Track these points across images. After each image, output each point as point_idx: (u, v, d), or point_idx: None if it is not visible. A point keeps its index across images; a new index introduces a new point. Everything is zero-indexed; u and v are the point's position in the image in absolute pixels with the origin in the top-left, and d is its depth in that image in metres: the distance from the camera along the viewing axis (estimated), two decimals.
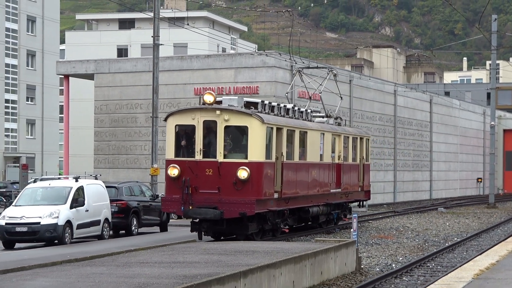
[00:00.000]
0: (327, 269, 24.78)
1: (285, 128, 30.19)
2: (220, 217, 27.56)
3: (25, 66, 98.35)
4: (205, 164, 27.79)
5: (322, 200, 35.38)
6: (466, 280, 17.96)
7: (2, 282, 16.63)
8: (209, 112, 28.01)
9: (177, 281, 16.79)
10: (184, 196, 27.49)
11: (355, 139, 40.50)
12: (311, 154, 33.26)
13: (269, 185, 28.74)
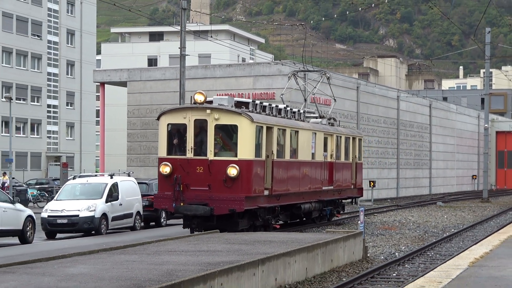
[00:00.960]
0: (336, 257, 24.75)
1: (275, 127, 28.92)
2: (210, 214, 26.16)
3: (65, 75, 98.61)
4: (196, 162, 26.47)
5: (314, 197, 33.84)
6: (463, 267, 17.90)
7: (46, 268, 16.66)
8: (200, 111, 26.73)
9: (202, 268, 16.78)
10: (175, 193, 26.26)
11: (347, 138, 38.98)
12: (302, 152, 31.89)
13: (258, 183, 27.29)
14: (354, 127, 68.40)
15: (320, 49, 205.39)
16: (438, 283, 15.38)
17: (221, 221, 26.60)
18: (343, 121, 66.79)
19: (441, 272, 17.54)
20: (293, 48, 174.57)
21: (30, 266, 17.24)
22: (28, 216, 31.46)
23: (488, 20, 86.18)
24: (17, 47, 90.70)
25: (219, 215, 26.24)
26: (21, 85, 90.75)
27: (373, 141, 72.77)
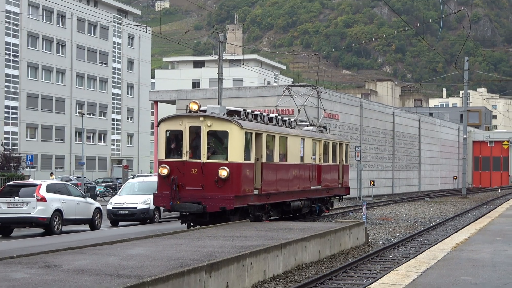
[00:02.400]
0: (344, 242, 24.70)
1: (264, 133, 26.78)
2: (202, 211, 24.33)
3: (126, 95, 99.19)
4: (191, 164, 24.61)
5: (304, 195, 31.64)
6: (446, 251, 17.80)
7: (111, 250, 16.73)
8: (194, 119, 24.83)
9: (236, 250, 16.79)
10: (172, 192, 24.41)
11: (335, 144, 36.79)
12: (291, 156, 29.75)
13: (248, 183, 25.26)
14: (357, 138, 68.46)
15: (330, 74, 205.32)
16: (426, 264, 15.30)
17: (214, 218, 24.86)
18: (348, 132, 66.92)
19: (429, 254, 17.45)
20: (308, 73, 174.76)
21: (98, 248, 17.31)
22: (97, 208, 31.72)
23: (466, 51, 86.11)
24: (88, 73, 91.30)
25: (211, 212, 24.58)
26: (91, 103, 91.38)
27: (373, 148, 72.73)
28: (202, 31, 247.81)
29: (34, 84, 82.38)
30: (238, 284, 15.96)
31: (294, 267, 19.66)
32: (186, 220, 25.87)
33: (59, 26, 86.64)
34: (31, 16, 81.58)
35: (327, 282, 18.15)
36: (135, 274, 12.87)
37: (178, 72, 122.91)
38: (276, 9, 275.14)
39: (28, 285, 11.65)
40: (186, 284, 13.61)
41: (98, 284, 11.79)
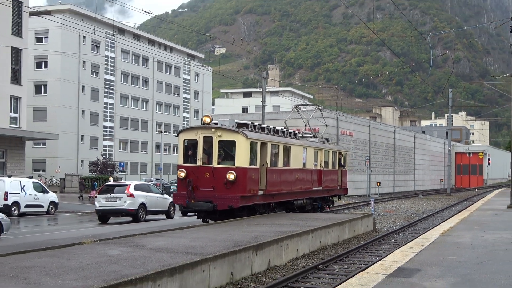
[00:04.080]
0: (357, 229, 24.52)
1: (269, 143, 24.62)
2: (213, 209, 22.52)
3: (193, 118, 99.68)
4: (204, 169, 22.81)
5: (306, 195, 29.50)
6: (436, 236, 17.59)
7: (182, 233, 16.78)
8: (207, 130, 22.95)
9: (275, 234, 16.75)
10: (188, 192, 22.59)
11: (334, 153, 34.05)
12: (294, 162, 27.50)
13: (253, 185, 23.23)
14: (367, 150, 68.05)
15: (346, 102, 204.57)
16: (421, 246, 15.12)
17: (224, 214, 22.92)
18: (360, 145, 66.66)
19: (423, 239, 17.25)
20: (329, 101, 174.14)
21: (172, 232, 17.36)
22: (171, 202, 31.66)
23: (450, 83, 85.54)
24: (165, 101, 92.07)
25: (220, 210, 22.65)
26: (167, 123, 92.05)
27: (378, 158, 72.24)
28: (250, 69, 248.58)
29: (125, 110, 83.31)
30: (277, 260, 15.92)
31: (319, 247, 19.57)
32: (200, 216, 23.92)
33: (144, 66, 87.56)
34: (123, 59, 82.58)
35: (345, 259, 18.04)
36: (200, 252, 12.90)
37: (231, 100, 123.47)
38: (305, 53, 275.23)
39: (121, 260, 11.74)
40: (238, 260, 13.61)
41: (172, 259, 11.83)
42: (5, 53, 43.51)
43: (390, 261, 12.52)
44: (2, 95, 43.42)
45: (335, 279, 14.57)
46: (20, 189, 33.98)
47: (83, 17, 76.38)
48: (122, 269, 10.56)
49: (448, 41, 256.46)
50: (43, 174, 69.90)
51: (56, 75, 70.93)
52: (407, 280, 10.30)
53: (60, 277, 9.72)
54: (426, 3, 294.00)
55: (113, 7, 41.33)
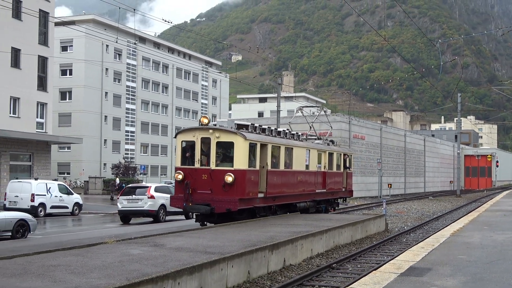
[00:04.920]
0: (369, 229, 24.39)
1: (270, 144, 22.96)
2: (210, 212, 21.05)
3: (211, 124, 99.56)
4: (202, 171, 21.28)
5: (309, 197, 27.71)
6: (446, 236, 17.43)
7: (201, 234, 16.79)
8: (205, 131, 21.54)
9: (290, 234, 16.70)
10: (185, 195, 21.18)
11: (339, 154, 32.06)
12: (297, 164, 25.77)
13: (252, 187, 21.62)
14: (378, 153, 67.75)
15: (358, 106, 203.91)
16: (432, 245, 14.99)
17: (222, 217, 21.61)
18: (372, 148, 66.38)
19: (433, 238, 17.10)
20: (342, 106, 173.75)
21: (191, 232, 17.37)
22: None
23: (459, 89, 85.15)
24: (184, 107, 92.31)
25: (219, 213, 21.23)
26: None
27: (390, 160, 71.90)
28: (265, 76, 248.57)
29: (146, 115, 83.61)
30: (292, 259, 15.88)
31: (333, 247, 19.49)
32: (198, 219, 22.61)
33: (164, 73, 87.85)
34: (144, 67, 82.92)
35: (358, 258, 17.95)
36: (218, 251, 12.89)
37: (248, 106, 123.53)
38: (318, 60, 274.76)
39: (142, 259, 11.75)
40: (255, 259, 13.58)
41: (192, 258, 11.83)
42: (32, 62, 43.89)
43: (402, 261, 12.42)
44: (29, 101, 43.78)
45: (348, 278, 14.50)
46: (46, 191, 34.20)
47: (106, 27, 76.82)
48: (144, 267, 10.57)
49: (456, 48, 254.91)
50: (68, 177, 70.33)
51: (80, 82, 71.38)
52: (419, 279, 10.21)
53: (84, 275, 9.75)
54: (435, 11, 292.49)
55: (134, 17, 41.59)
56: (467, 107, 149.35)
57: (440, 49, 66.51)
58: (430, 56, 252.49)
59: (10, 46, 41.65)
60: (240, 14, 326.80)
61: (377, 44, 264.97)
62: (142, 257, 11.88)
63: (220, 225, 19.39)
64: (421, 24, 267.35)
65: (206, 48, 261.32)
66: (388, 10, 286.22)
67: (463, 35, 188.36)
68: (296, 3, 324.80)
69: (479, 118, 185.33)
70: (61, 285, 8.90)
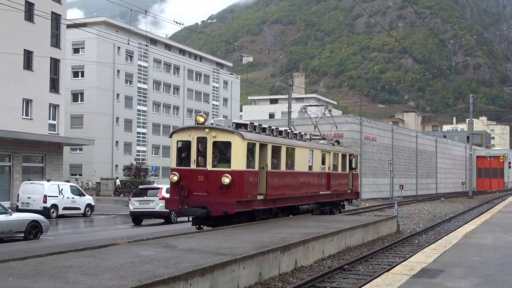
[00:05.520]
0: (381, 230, 24.30)
1: (270, 144, 21.86)
2: (206, 215, 20.05)
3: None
4: (198, 172, 20.28)
5: (312, 199, 26.55)
6: (459, 237, 17.34)
7: (212, 235, 16.77)
8: (201, 130, 20.52)
9: (302, 236, 16.67)
10: (181, 197, 20.21)
11: (344, 155, 30.84)
12: (299, 165, 24.60)
13: (251, 189, 20.50)
14: (390, 154, 67.51)
15: (369, 107, 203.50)
16: (444, 247, 14.92)
17: (219, 221, 20.68)
18: (383, 149, 66.20)
19: (445, 240, 17.01)
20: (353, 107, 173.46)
21: (203, 233, 17.39)
22: None
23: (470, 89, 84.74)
24: (195, 108, 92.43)
25: (216, 216, 20.23)
26: None
27: (401, 162, 71.66)
28: (276, 77, 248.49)
29: (157, 116, 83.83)
30: (304, 261, 15.85)
31: (345, 248, 19.44)
32: (194, 222, 21.57)
33: (175, 75, 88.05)
34: (156, 68, 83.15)
35: (370, 260, 17.89)
36: (230, 253, 12.88)
37: (259, 107, 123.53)
38: (329, 61, 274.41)
39: (154, 260, 11.77)
40: (266, 261, 13.57)
41: (203, 259, 11.83)
42: (45, 64, 44.15)
43: (414, 262, 12.36)
44: (42, 103, 44.03)
45: (360, 279, 14.45)
46: (58, 193, 34.37)
47: (118, 29, 77.10)
48: (155, 269, 10.59)
49: (468, 48, 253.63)
50: (79, 178, 70.63)
51: (92, 83, 71.68)
52: (431, 281, 10.16)
53: (96, 276, 9.78)
54: (446, 12, 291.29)
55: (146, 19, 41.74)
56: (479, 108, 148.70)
57: (452, 49, 66.13)
58: (441, 57, 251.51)
59: (23, 48, 41.92)
60: (251, 16, 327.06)
61: (389, 45, 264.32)
62: (154, 258, 11.90)
63: (232, 227, 19.37)
64: (432, 24, 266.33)
65: (217, 50, 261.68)
66: (399, 11, 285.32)
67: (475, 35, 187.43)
68: (307, 4, 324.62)
69: (491, 119, 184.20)
70: (74, 286, 8.93)
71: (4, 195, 39.24)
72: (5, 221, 21.13)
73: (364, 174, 60.62)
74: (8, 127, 39.16)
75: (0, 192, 39.43)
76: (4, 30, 40.16)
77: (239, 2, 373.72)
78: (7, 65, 40.43)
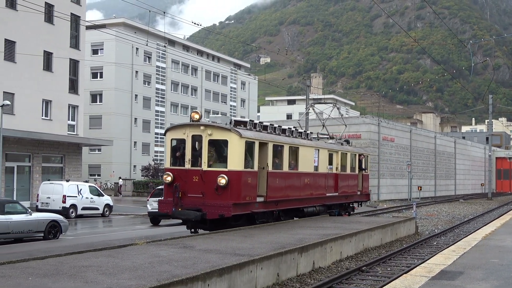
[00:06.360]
0: (399, 232, 24.17)
1: (270, 143, 20.57)
2: (200, 218, 18.71)
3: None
4: (192, 172, 19.03)
5: (319, 202, 25.21)
6: (478, 239, 17.21)
7: (230, 236, 16.78)
8: (196, 128, 19.19)
9: (320, 237, 16.64)
10: (175, 199, 18.96)
11: (353, 155, 29.34)
12: (303, 165, 23.17)
13: (249, 191, 19.24)
14: (408, 155, 67.11)
15: (387, 108, 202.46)
16: (463, 249, 14.81)
17: (215, 224, 19.52)
18: (401, 150, 65.83)
19: (465, 242, 16.88)
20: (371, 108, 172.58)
21: (221, 234, 17.39)
22: None
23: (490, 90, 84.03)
24: (213, 109, 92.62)
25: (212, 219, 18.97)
26: None
27: (420, 163, 71.22)
28: (294, 78, 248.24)
29: (175, 117, 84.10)
30: (321, 262, 15.81)
31: (362, 250, 19.36)
32: (189, 226, 20.34)
33: (193, 76, 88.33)
34: (174, 69, 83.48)
35: (388, 262, 17.79)
36: (248, 253, 12.88)
37: (276, 108, 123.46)
38: (347, 62, 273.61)
39: (172, 260, 11.81)
40: (284, 261, 13.55)
41: (221, 260, 11.85)
42: (64, 65, 44.51)
43: (433, 264, 12.28)
44: (61, 104, 44.39)
45: (378, 281, 14.37)
46: (77, 193, 34.62)
47: (136, 30, 77.53)
48: (174, 269, 10.62)
49: (488, 49, 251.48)
50: (98, 178, 71.10)
51: (110, 84, 72.14)
52: (451, 283, 10.08)
53: (115, 276, 9.83)
54: (465, 12, 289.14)
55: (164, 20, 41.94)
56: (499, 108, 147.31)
57: (471, 50, 65.62)
58: (460, 58, 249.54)
59: (43, 49, 42.29)
60: (269, 17, 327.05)
61: (407, 46, 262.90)
62: (172, 259, 11.94)
63: (249, 227, 19.35)
64: (451, 25, 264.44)
65: (235, 51, 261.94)
66: (418, 11, 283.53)
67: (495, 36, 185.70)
68: (324, 5, 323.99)
69: (510, 120, 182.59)
70: (93, 286, 8.98)
71: (24, 195, 39.61)
72: (25, 221, 21.33)
73: (382, 175, 60.32)
74: (28, 127, 39.53)
75: (20, 192, 39.80)
76: (25, 31, 40.55)
77: (257, 3, 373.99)
78: (27, 66, 40.82)
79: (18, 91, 40.18)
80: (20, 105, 40.40)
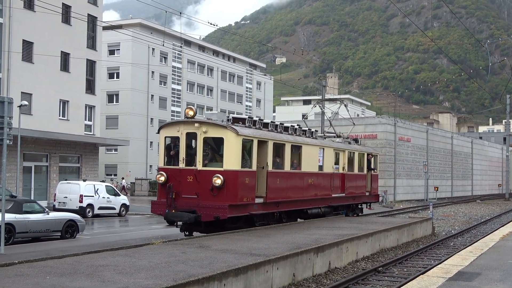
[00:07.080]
0: (416, 232, 24.05)
1: (270, 141, 19.48)
2: (194, 220, 17.71)
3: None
4: (187, 172, 18.03)
5: (324, 203, 24.10)
6: (496, 240, 17.07)
7: (246, 236, 16.80)
8: (190, 125, 18.15)
9: (336, 237, 16.61)
10: (168, 200, 18.09)
11: (361, 154, 28.09)
12: (307, 164, 22.11)
13: (247, 192, 18.25)
14: (424, 155, 66.72)
15: (403, 108, 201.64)
16: (480, 250, 14.70)
17: (211, 226, 18.63)
18: (418, 150, 65.47)
19: (482, 243, 16.75)
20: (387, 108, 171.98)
21: (237, 234, 17.40)
22: None
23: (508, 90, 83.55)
24: (229, 109, 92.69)
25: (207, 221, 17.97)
26: None
27: (436, 163, 70.79)
28: (309, 78, 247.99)
29: None
30: (337, 263, 15.77)
31: (379, 250, 19.30)
32: (183, 228, 19.39)
33: (209, 76, 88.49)
34: (189, 69, 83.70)
35: (404, 262, 17.71)
36: (264, 253, 12.89)
37: (292, 108, 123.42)
38: (363, 62, 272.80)
39: (188, 260, 11.84)
40: (300, 262, 13.54)
41: (237, 260, 11.86)
42: (81, 65, 44.80)
43: (450, 265, 12.20)
44: (78, 104, 44.69)
45: (395, 282, 14.31)
46: (94, 192, 34.81)
47: (152, 30, 77.82)
48: (190, 268, 10.65)
49: (505, 48, 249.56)
50: (114, 178, 71.46)
51: (127, 85, 72.48)
52: (468, 284, 10.01)
53: (132, 275, 9.88)
54: (483, 11, 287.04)
55: (180, 20, 42.07)
56: None
57: (488, 49, 65.07)
58: (477, 57, 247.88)
59: (60, 50, 42.60)
60: (284, 17, 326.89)
61: (423, 45, 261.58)
62: (188, 258, 11.97)
63: (265, 227, 19.34)
64: (468, 24, 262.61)
65: (250, 51, 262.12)
66: (435, 10, 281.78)
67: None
68: (340, 5, 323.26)
69: None
70: (110, 285, 9.03)
71: (41, 195, 39.92)
72: (43, 220, 21.49)
73: (398, 176, 60.04)
74: (45, 127, 39.83)
75: (38, 191, 40.12)
76: (42, 32, 40.87)
77: (272, 3, 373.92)
78: (45, 67, 41.14)
79: (36, 92, 40.51)
80: (38, 105, 40.72)
